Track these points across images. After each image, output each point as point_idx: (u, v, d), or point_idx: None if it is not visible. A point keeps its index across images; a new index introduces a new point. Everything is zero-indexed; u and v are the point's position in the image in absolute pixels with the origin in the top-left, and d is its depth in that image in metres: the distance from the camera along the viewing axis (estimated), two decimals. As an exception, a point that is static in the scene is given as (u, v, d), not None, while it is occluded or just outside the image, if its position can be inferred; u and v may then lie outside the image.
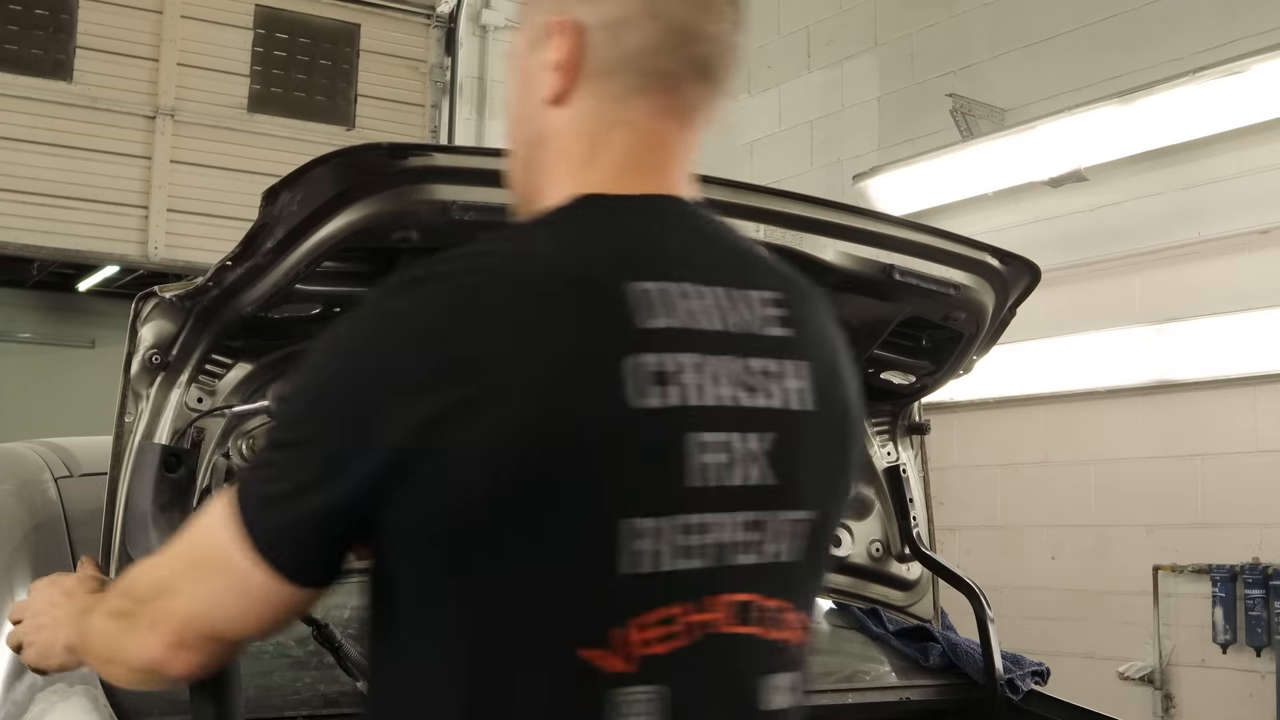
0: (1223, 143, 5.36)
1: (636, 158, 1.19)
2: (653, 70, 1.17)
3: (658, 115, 1.19)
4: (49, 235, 7.52)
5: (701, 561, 1.08)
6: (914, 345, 2.50)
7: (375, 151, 1.79)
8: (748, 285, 1.17)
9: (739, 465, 1.10)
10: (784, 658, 1.15)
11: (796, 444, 1.14)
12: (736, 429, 1.11)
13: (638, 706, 1.05)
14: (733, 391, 1.11)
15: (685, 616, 1.08)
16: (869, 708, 2.58)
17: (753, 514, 1.11)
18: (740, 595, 1.11)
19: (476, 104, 8.57)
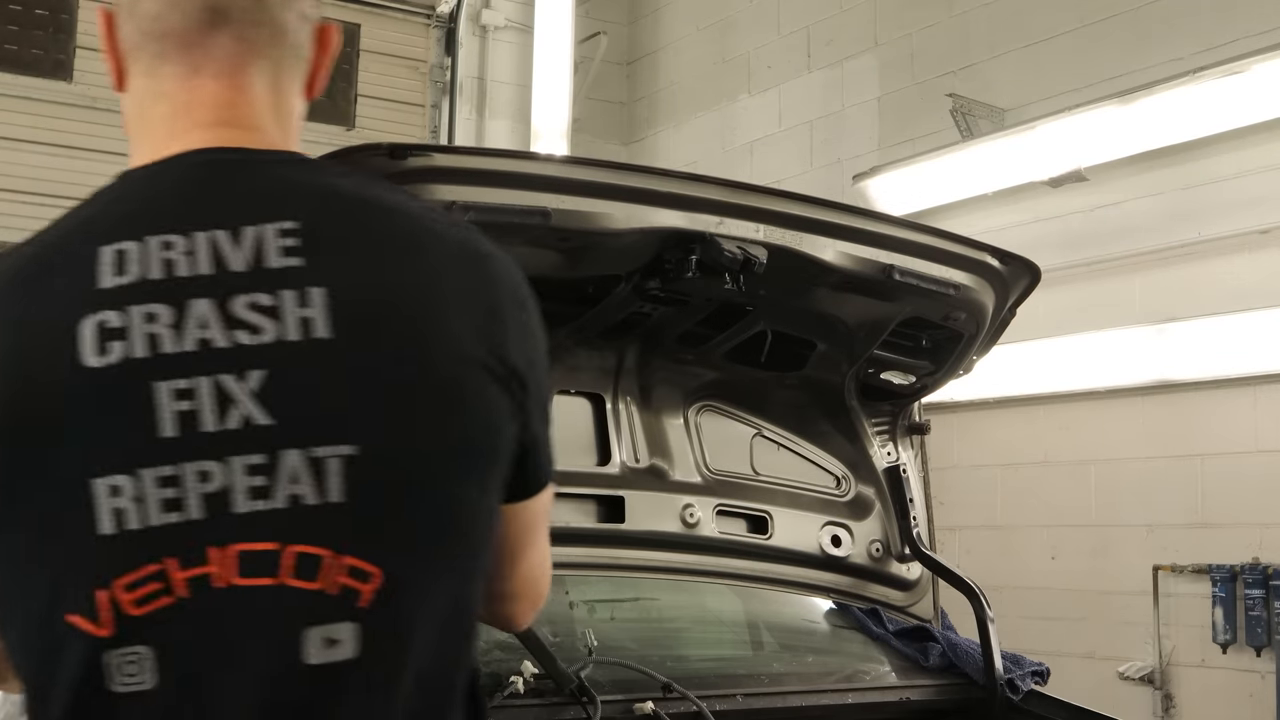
0: (1223, 143, 5.36)
1: (171, 125, 1.17)
2: (165, 33, 1.17)
3: (186, 76, 1.17)
4: (49, 235, 7.52)
5: (195, 513, 1.03)
6: (914, 345, 2.51)
7: (375, 152, 1.79)
8: (261, 220, 1.09)
9: (222, 409, 1.05)
10: (335, 607, 1.05)
11: (305, 376, 1.07)
12: (214, 372, 1.05)
13: (129, 669, 1.02)
14: (212, 335, 1.06)
15: (176, 572, 1.03)
16: (869, 708, 2.58)
17: (254, 457, 1.04)
18: (251, 544, 1.04)
19: (476, 104, 8.57)
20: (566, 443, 2.53)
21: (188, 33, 1.16)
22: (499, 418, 1.14)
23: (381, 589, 1.06)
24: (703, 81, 8.51)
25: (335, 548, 1.06)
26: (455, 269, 1.15)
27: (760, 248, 2.15)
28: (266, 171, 1.15)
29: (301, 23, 1.21)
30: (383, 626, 1.06)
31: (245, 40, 1.17)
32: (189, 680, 1.03)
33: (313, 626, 1.05)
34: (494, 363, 1.13)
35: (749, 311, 2.43)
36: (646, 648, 2.72)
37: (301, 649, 1.04)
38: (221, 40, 1.16)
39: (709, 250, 2.13)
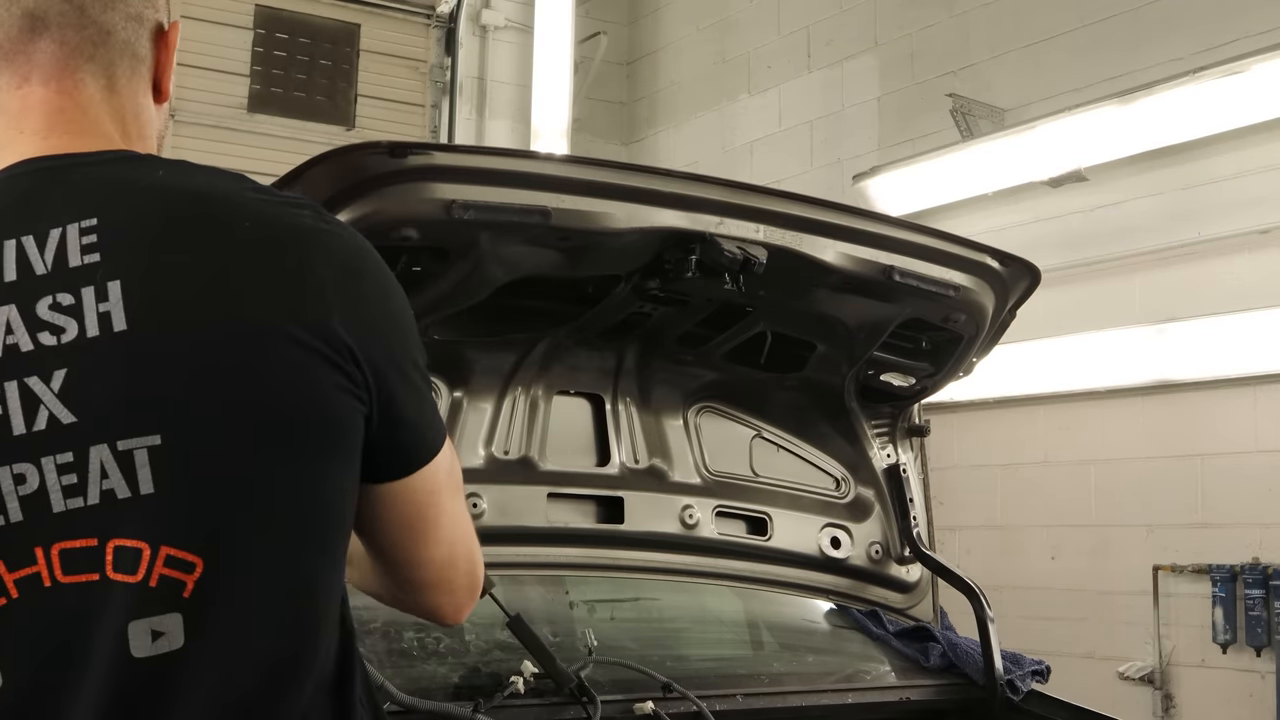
0: (1223, 143, 5.36)
1: (6, 135, 1.17)
2: (4, 26, 1.17)
3: (16, 85, 1.17)
4: (49, 235, 7.52)
5: (15, 515, 1.03)
6: (914, 347, 2.51)
7: (375, 150, 1.79)
8: (65, 221, 1.09)
9: (29, 411, 1.04)
10: (159, 599, 1.04)
11: (106, 371, 1.06)
12: (20, 376, 1.05)
13: None
14: (16, 340, 1.06)
15: (5, 573, 1.03)
16: (869, 708, 2.58)
17: (63, 456, 1.04)
18: (72, 542, 1.04)
19: (476, 104, 8.57)
20: (566, 443, 2.53)
21: (9, 42, 1.17)
22: (323, 393, 1.10)
23: (204, 578, 1.05)
24: (703, 81, 8.51)
25: (152, 540, 1.05)
26: (264, 249, 1.12)
27: (760, 248, 2.15)
28: (87, 173, 1.13)
29: (131, 24, 1.20)
30: (208, 616, 1.05)
31: (67, 45, 1.16)
32: (32, 680, 1.03)
33: (137, 620, 1.04)
34: (309, 337, 1.09)
35: (749, 312, 2.43)
36: (646, 648, 2.72)
37: (130, 642, 1.04)
38: (44, 46, 1.16)
39: (709, 250, 2.12)
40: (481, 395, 2.43)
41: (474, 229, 1.96)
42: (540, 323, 2.43)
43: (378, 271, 1.19)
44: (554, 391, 2.52)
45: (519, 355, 2.46)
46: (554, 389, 2.52)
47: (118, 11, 1.19)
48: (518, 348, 2.46)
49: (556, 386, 2.53)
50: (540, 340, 2.46)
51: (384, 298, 1.18)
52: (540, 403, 2.49)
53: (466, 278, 2.10)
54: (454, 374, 2.40)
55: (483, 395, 2.43)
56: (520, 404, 2.48)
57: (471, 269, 2.08)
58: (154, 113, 1.25)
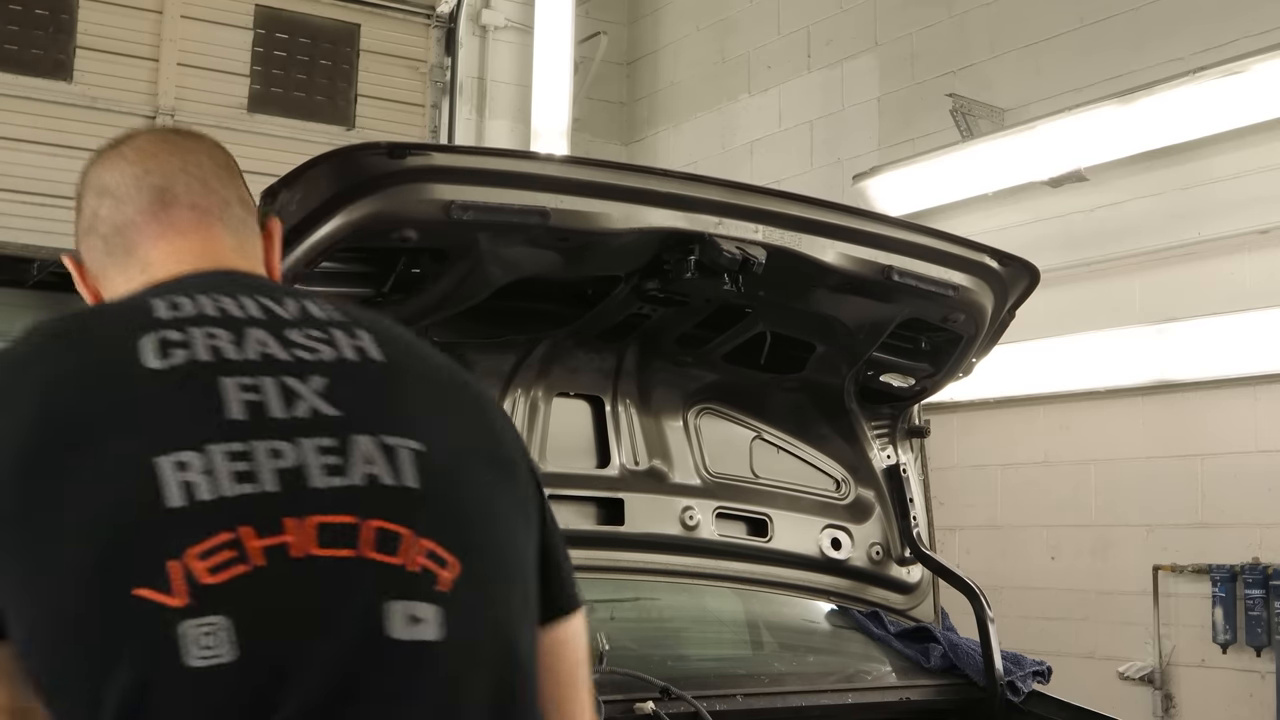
0: (1223, 143, 5.36)
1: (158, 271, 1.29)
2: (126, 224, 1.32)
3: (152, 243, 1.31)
4: (49, 235, 7.52)
5: (269, 486, 1.04)
6: (913, 348, 2.51)
7: (374, 151, 1.79)
8: (296, 296, 1.24)
9: (288, 402, 1.09)
10: (417, 586, 1.06)
11: (366, 385, 1.14)
12: (277, 374, 1.11)
13: (206, 640, 0.98)
14: (272, 350, 1.14)
15: (252, 540, 1.02)
16: (869, 708, 2.58)
17: (325, 440, 1.08)
18: (330, 516, 1.05)
19: (476, 104, 8.57)
20: (566, 445, 2.53)
21: (141, 215, 1.30)
22: (529, 486, 1.22)
23: (460, 579, 1.08)
24: (703, 81, 8.50)
25: (414, 528, 1.07)
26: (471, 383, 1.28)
27: (759, 248, 2.15)
28: (276, 286, 1.28)
29: (244, 205, 1.35)
30: (463, 616, 1.07)
31: (198, 208, 1.30)
32: (269, 650, 1.00)
33: (396, 600, 1.04)
34: (514, 434, 1.27)
35: (748, 313, 2.43)
36: (647, 648, 2.71)
37: (386, 621, 1.03)
38: (177, 212, 1.30)
39: (708, 251, 2.12)
40: (481, 397, 2.43)
41: (473, 230, 1.96)
42: (540, 324, 2.42)
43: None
44: (554, 393, 2.51)
45: (519, 357, 2.46)
46: (554, 391, 2.52)
47: (232, 190, 1.34)
48: (517, 349, 2.46)
49: (556, 388, 2.53)
50: (540, 342, 2.46)
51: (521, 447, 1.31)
52: (540, 404, 2.49)
53: (466, 278, 2.10)
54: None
55: (482, 397, 2.43)
56: (520, 406, 2.47)
57: (471, 270, 2.08)
58: None
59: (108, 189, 1.35)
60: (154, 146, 1.37)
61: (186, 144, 1.38)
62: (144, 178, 1.32)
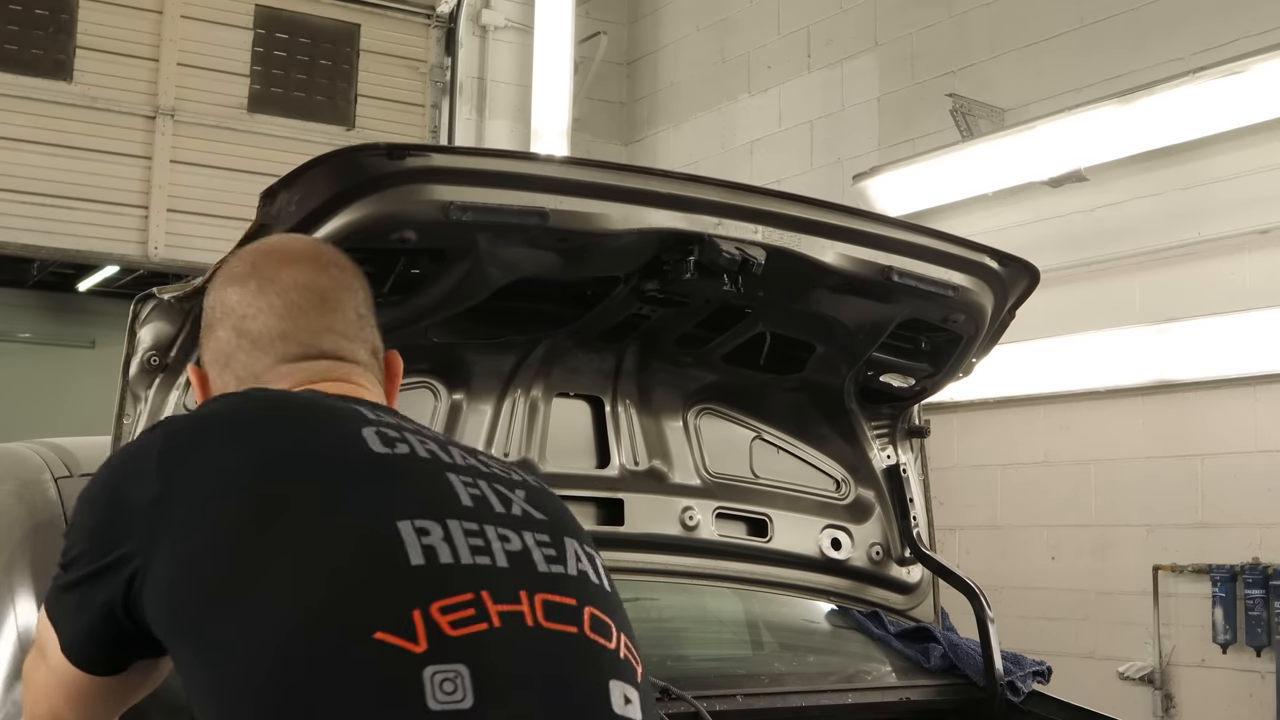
0: (1223, 143, 5.36)
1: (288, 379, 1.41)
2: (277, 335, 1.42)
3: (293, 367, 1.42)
4: (49, 235, 7.53)
5: (502, 562, 1.16)
6: (913, 348, 2.50)
7: (373, 152, 1.79)
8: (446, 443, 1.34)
9: (505, 503, 1.23)
10: (625, 670, 1.20)
11: (554, 504, 1.31)
12: (488, 480, 1.26)
13: (447, 686, 1.07)
14: (473, 463, 1.29)
15: (491, 604, 1.12)
16: (869, 708, 2.58)
17: (541, 535, 1.23)
18: (555, 596, 1.17)
19: (476, 104, 8.57)
20: (566, 445, 2.52)
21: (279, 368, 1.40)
22: None
23: (641, 673, 1.23)
24: (703, 81, 8.51)
25: (615, 621, 1.23)
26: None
27: (758, 249, 2.14)
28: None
29: (373, 353, 1.44)
30: (648, 704, 1.21)
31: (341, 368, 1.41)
32: (505, 702, 1.09)
33: (615, 680, 1.18)
34: None
35: (748, 313, 2.43)
36: (646, 648, 2.70)
37: (610, 697, 1.16)
38: (317, 368, 1.40)
39: (707, 251, 2.12)
40: (481, 398, 2.43)
41: (472, 230, 1.96)
42: (539, 325, 2.42)
43: None
44: (553, 394, 2.51)
45: (518, 357, 2.45)
46: (553, 391, 2.52)
47: (365, 337, 1.44)
48: (517, 350, 2.45)
49: (556, 389, 2.52)
50: (539, 342, 2.46)
51: None
52: (540, 405, 2.49)
53: (465, 279, 2.09)
54: (453, 377, 2.40)
55: (482, 398, 2.43)
56: (520, 406, 2.47)
57: (470, 271, 2.07)
58: None
59: (247, 333, 1.40)
60: (300, 296, 1.40)
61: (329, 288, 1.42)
62: (286, 335, 1.39)
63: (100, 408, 2.09)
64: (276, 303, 1.39)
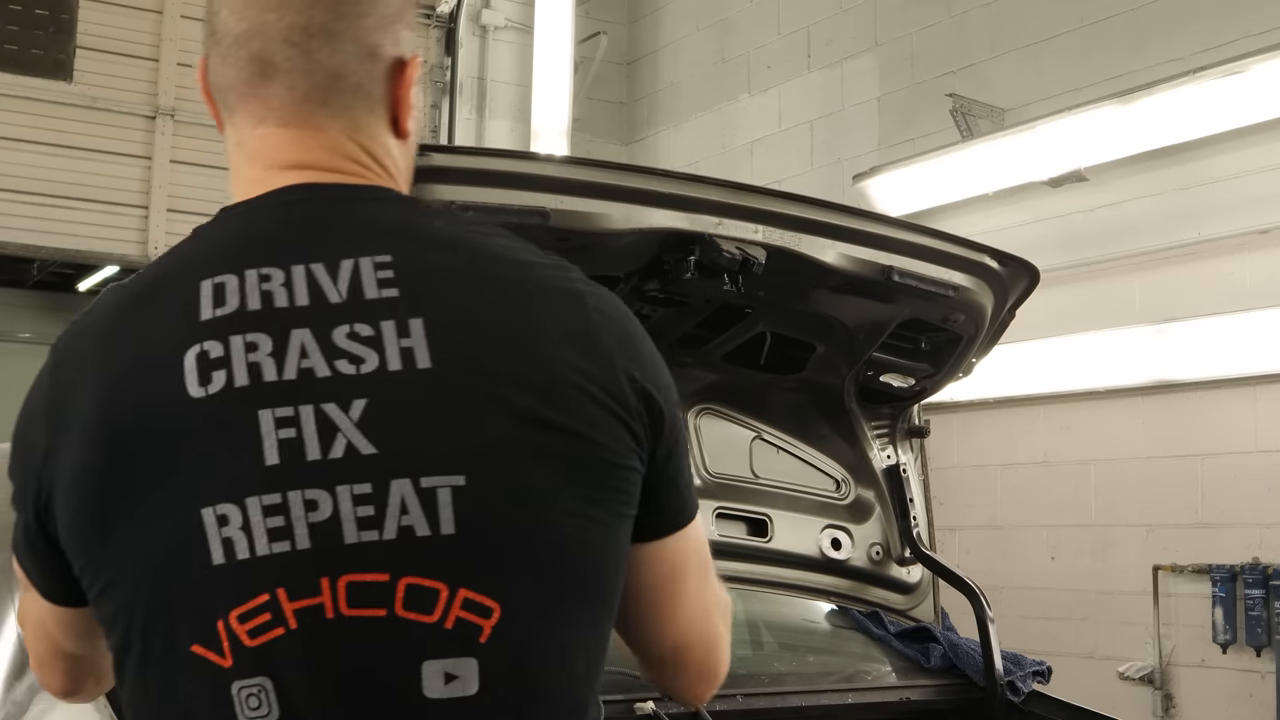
0: (1223, 143, 5.36)
1: (253, 169, 1.18)
2: (226, 86, 1.19)
3: (253, 125, 1.18)
4: (49, 235, 7.52)
5: (303, 543, 1.02)
6: (913, 348, 2.50)
7: None
8: (355, 254, 1.10)
9: (325, 438, 1.04)
10: (454, 642, 1.04)
11: (409, 405, 1.06)
12: (316, 401, 1.05)
13: (252, 701, 1.02)
14: (312, 364, 1.06)
15: (286, 602, 1.02)
16: (869, 708, 2.58)
17: (360, 486, 1.03)
18: (362, 575, 1.02)
19: (476, 104, 8.57)
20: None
21: (242, 84, 1.17)
22: (615, 450, 1.10)
23: (500, 624, 1.04)
24: (703, 81, 8.51)
25: (451, 581, 1.03)
26: (551, 305, 1.12)
27: (759, 249, 2.14)
28: (357, 209, 1.15)
29: (364, 63, 1.18)
30: (503, 664, 1.05)
31: (297, 90, 1.16)
32: (309, 713, 1.02)
33: (431, 660, 1.03)
34: (603, 395, 1.10)
35: (748, 313, 2.43)
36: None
37: (421, 682, 1.03)
38: (275, 90, 1.16)
39: (708, 251, 2.12)
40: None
41: None
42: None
43: (643, 332, 1.19)
44: None
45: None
46: None
47: (346, 52, 1.17)
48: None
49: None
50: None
51: (657, 359, 1.18)
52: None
53: None
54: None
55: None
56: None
57: None
58: (399, 149, 1.23)
59: (216, 31, 1.19)
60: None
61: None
62: (245, 40, 1.16)
63: (100, 407, 2.09)
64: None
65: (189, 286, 1.09)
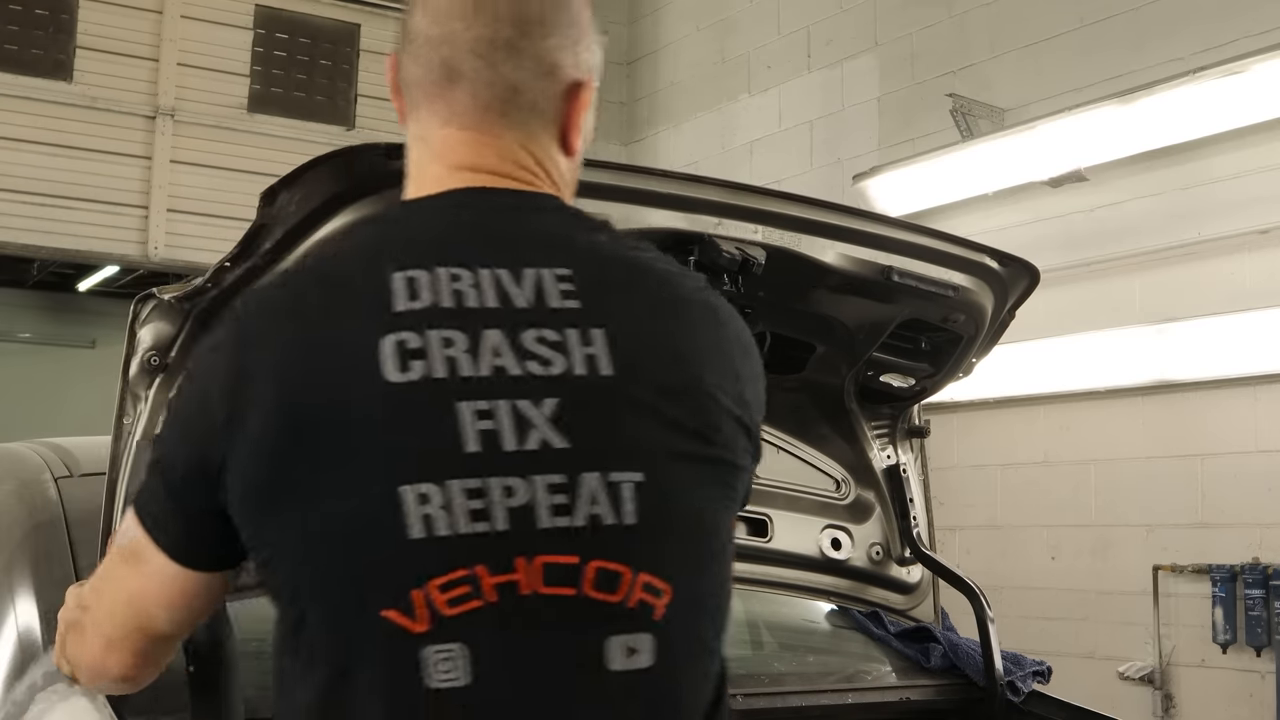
0: (1223, 143, 5.36)
1: (433, 166, 1.28)
2: (418, 83, 1.28)
3: (438, 125, 1.27)
4: (49, 235, 7.53)
5: (500, 525, 1.11)
6: (913, 348, 2.50)
7: (373, 152, 1.79)
8: (537, 265, 1.20)
9: (520, 432, 1.14)
10: (634, 619, 1.15)
11: (594, 407, 1.17)
12: (511, 397, 1.14)
13: (444, 665, 1.10)
14: (505, 363, 1.15)
15: (486, 577, 1.11)
16: (869, 708, 2.58)
17: (554, 477, 1.14)
18: (555, 557, 1.13)
19: (476, 104, 8.57)
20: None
21: (431, 85, 1.26)
22: (736, 453, 1.26)
23: (672, 604, 1.17)
24: (703, 81, 8.51)
25: (633, 565, 1.15)
26: (694, 319, 1.26)
27: (758, 249, 2.14)
28: (530, 218, 1.25)
29: (541, 80, 1.26)
30: (670, 638, 1.17)
31: (479, 99, 1.25)
32: (500, 678, 1.11)
33: (615, 636, 1.14)
34: (730, 403, 1.24)
35: (748, 313, 2.42)
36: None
37: (605, 655, 1.14)
38: (459, 95, 1.25)
39: (707, 251, 2.11)
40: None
41: None
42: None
43: (754, 343, 1.34)
44: None
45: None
46: None
47: (526, 68, 1.25)
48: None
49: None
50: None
51: (761, 375, 1.33)
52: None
53: None
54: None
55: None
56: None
57: None
58: (565, 164, 1.31)
59: (410, 31, 1.29)
60: (453, 3, 1.26)
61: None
62: (435, 45, 1.26)
63: (100, 408, 2.09)
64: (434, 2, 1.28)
65: (377, 276, 1.16)
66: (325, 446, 1.12)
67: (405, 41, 1.29)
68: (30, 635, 1.86)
